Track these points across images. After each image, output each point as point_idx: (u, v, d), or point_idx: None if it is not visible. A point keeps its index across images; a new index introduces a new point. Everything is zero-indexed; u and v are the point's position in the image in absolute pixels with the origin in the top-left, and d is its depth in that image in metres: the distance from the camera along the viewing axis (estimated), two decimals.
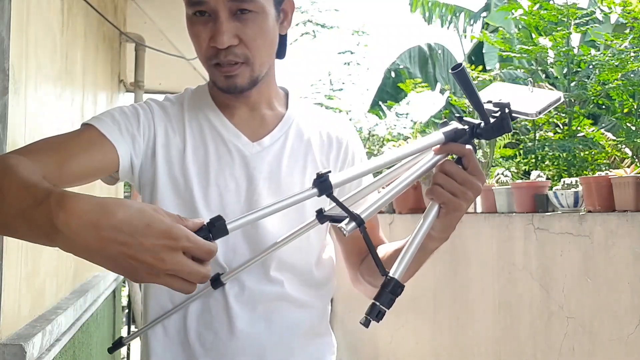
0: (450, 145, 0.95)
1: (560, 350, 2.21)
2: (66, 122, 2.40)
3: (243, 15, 1.04)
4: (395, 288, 0.84)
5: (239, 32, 1.05)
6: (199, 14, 1.06)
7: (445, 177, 0.94)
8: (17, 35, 1.65)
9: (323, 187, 0.88)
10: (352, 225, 0.85)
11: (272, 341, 1.14)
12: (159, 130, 1.13)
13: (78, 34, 2.60)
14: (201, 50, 1.08)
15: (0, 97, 1.53)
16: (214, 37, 1.04)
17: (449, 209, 0.95)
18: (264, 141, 1.16)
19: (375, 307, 0.83)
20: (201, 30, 1.06)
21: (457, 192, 0.94)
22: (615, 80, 3.01)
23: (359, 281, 1.26)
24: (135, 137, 1.10)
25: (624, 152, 3.02)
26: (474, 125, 0.95)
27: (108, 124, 1.07)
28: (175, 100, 1.19)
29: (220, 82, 1.10)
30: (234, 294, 1.13)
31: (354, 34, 9.69)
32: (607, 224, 2.03)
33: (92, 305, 2.69)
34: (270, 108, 1.20)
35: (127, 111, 1.12)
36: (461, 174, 0.94)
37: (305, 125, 1.21)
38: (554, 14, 3.39)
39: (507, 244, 2.54)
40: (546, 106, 0.94)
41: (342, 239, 1.27)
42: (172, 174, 1.13)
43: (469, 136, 0.95)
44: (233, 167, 1.13)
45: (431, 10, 10.12)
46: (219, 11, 1.04)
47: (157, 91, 5.26)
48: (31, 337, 1.64)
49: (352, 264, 1.26)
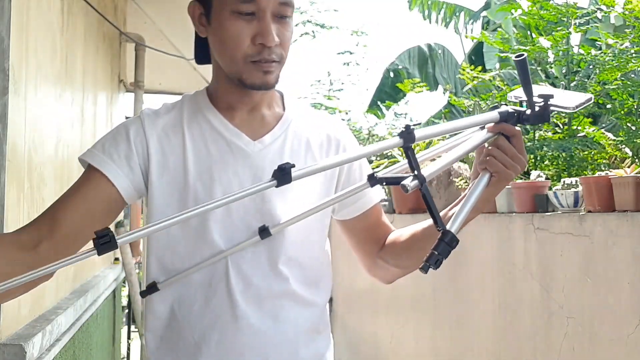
0: (504, 125, 1.07)
1: (560, 350, 2.21)
2: (66, 122, 2.40)
3: (281, 19, 1.12)
4: (451, 240, 0.91)
5: (278, 33, 1.11)
6: (243, 13, 1.10)
7: (499, 150, 1.06)
8: (17, 35, 1.65)
9: (409, 138, 0.93)
10: (415, 183, 0.90)
11: (278, 339, 1.16)
12: (151, 141, 1.16)
13: (78, 34, 2.60)
14: (241, 48, 1.11)
15: (0, 97, 1.53)
16: (263, 35, 1.10)
17: (500, 177, 1.07)
18: (264, 139, 1.19)
19: (433, 255, 0.88)
20: (244, 27, 1.10)
21: (508, 165, 1.07)
22: (615, 80, 3.00)
23: (378, 267, 1.30)
24: (130, 157, 1.14)
25: (624, 152, 3.02)
26: (521, 112, 1.08)
27: (98, 156, 1.14)
28: (172, 107, 1.22)
29: (257, 79, 1.13)
30: (239, 290, 1.14)
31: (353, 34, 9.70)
32: (607, 224, 2.03)
33: (92, 305, 2.69)
34: (269, 108, 1.23)
35: (117, 134, 1.17)
36: (512, 150, 1.07)
37: (303, 125, 1.24)
38: (554, 14, 3.39)
39: (507, 244, 2.54)
40: (581, 103, 1.09)
41: (355, 232, 1.31)
42: (168, 178, 1.15)
43: (516, 120, 1.08)
44: (236, 166, 1.16)
45: (430, 8, 10.12)
46: (267, 11, 1.10)
47: (157, 91, 5.26)
48: (31, 337, 1.64)
49: (368, 252, 1.30)
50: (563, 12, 3.36)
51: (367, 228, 1.29)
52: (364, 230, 1.29)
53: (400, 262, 1.26)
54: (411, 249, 1.22)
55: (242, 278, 1.14)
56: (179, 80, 5.03)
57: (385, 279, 1.33)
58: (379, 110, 9.45)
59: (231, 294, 1.14)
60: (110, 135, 1.17)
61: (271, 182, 0.90)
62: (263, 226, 1.14)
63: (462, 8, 10.12)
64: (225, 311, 1.14)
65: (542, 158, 3.35)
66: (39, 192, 1.96)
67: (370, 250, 1.30)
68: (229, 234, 1.14)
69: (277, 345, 1.15)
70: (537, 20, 3.48)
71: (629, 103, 3.08)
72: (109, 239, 0.81)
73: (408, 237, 1.24)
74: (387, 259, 1.27)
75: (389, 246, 1.28)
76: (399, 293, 3.39)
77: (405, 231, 1.25)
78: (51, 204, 1.13)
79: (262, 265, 1.15)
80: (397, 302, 3.42)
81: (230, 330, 1.14)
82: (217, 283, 1.15)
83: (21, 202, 1.76)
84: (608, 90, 3.06)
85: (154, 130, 1.16)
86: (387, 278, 1.32)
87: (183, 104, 1.22)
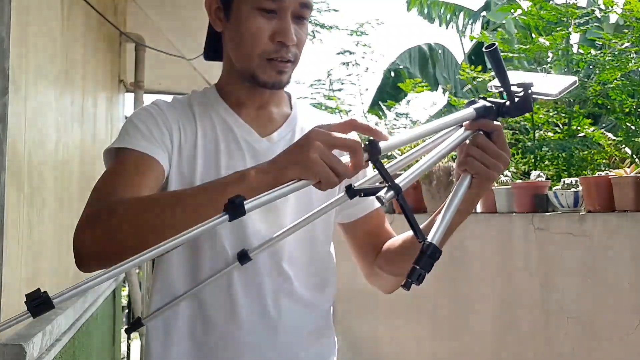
0: (482, 121, 1.00)
1: (560, 350, 2.21)
2: (66, 122, 2.40)
3: (299, 20, 1.13)
4: (433, 252, 0.85)
5: (296, 33, 1.12)
6: (265, 10, 1.10)
7: (478, 150, 1.00)
8: (17, 35, 1.65)
9: (374, 151, 0.89)
10: (390, 194, 0.84)
11: (278, 340, 1.15)
12: (174, 128, 1.15)
13: (78, 34, 2.60)
14: (259, 44, 1.11)
15: (0, 97, 1.53)
16: (283, 33, 1.10)
17: (482, 178, 1.02)
18: (273, 137, 1.20)
19: (415, 270, 0.83)
20: (264, 24, 1.11)
21: (489, 164, 1.00)
22: (615, 80, 3.00)
23: (376, 275, 1.28)
24: (164, 140, 1.13)
25: (624, 152, 3.02)
26: (500, 104, 1.01)
27: (140, 141, 1.11)
28: (184, 100, 1.22)
29: (271, 77, 1.14)
30: (241, 289, 1.14)
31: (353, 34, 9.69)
32: (607, 224, 2.04)
33: (92, 305, 2.69)
34: (277, 107, 1.24)
35: (146, 119, 1.14)
36: (492, 147, 1.01)
37: (309, 124, 1.24)
38: (554, 14, 3.39)
39: (507, 244, 2.54)
40: (565, 88, 1.01)
41: (354, 236, 1.29)
42: (181, 170, 1.15)
43: (495, 114, 1.01)
44: (244, 161, 1.16)
45: (430, 8, 10.12)
46: (289, 11, 1.11)
47: (157, 91, 5.26)
48: (31, 337, 1.64)
49: (367, 260, 1.29)
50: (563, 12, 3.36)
51: (367, 233, 1.28)
52: (364, 235, 1.28)
53: (394, 269, 1.24)
54: (403, 255, 1.20)
55: (244, 276, 1.14)
56: (179, 80, 5.03)
57: (384, 287, 1.30)
58: (380, 111, 9.45)
59: (232, 293, 1.13)
60: (139, 120, 1.14)
61: (223, 217, 0.79)
62: (243, 250, 1.11)
63: (462, 8, 10.12)
64: (226, 310, 1.13)
65: (542, 158, 3.35)
66: (39, 192, 1.96)
67: (369, 256, 1.28)
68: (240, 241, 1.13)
69: (277, 346, 1.15)
70: (536, 20, 3.48)
71: (628, 103, 3.08)
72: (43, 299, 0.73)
73: (400, 244, 1.22)
74: (382, 266, 1.26)
75: (384, 253, 1.26)
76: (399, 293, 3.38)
77: (399, 237, 1.24)
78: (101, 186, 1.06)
79: (265, 264, 1.15)
80: (397, 302, 3.42)
81: (230, 331, 1.13)
82: (218, 281, 1.14)
83: (21, 203, 1.76)
84: (608, 90, 3.06)
85: (175, 119, 1.17)
86: (385, 287, 1.30)
87: (193, 100, 1.22)
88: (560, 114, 3.43)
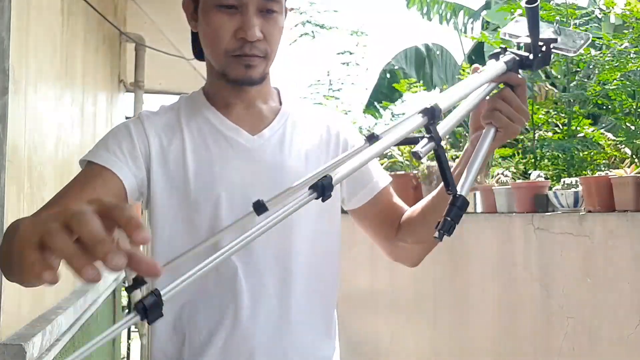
0: (510, 74, 1.01)
1: (560, 350, 2.21)
2: (66, 122, 2.40)
3: (267, 14, 1.11)
4: (462, 204, 0.85)
5: (263, 28, 1.10)
6: (225, 7, 1.09)
7: (505, 103, 1.01)
8: (17, 35, 1.65)
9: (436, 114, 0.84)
10: (430, 145, 0.81)
11: (284, 341, 1.14)
12: (152, 139, 1.15)
13: (78, 34, 2.60)
14: (222, 41, 1.11)
15: (0, 97, 1.53)
16: (244, 30, 1.09)
17: (507, 131, 1.02)
18: (264, 133, 1.19)
19: (447, 222, 0.83)
20: (226, 21, 1.10)
21: (514, 118, 1.01)
22: (615, 80, 3.00)
23: (401, 249, 1.27)
24: (133, 154, 1.13)
25: (624, 152, 3.02)
26: (524, 57, 1.02)
27: (102, 154, 1.11)
28: (170, 108, 1.22)
29: (239, 73, 1.13)
30: (247, 289, 1.13)
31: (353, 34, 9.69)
32: (607, 224, 2.04)
33: (92, 305, 2.69)
34: (266, 103, 1.23)
35: (118, 132, 1.15)
36: (517, 101, 1.01)
37: (301, 118, 1.25)
38: (553, 14, 3.39)
39: (507, 244, 2.54)
40: (581, 44, 1.04)
41: (370, 218, 1.28)
42: (169, 177, 1.14)
43: (518, 67, 1.02)
44: (236, 161, 1.15)
45: (429, 6, 10.10)
46: (250, 5, 1.09)
47: (157, 91, 5.26)
48: (31, 337, 1.64)
49: (386, 237, 1.28)
50: (562, 12, 3.36)
51: (380, 213, 1.27)
52: (377, 216, 1.27)
53: (419, 237, 1.22)
54: (426, 221, 1.18)
55: (250, 276, 1.13)
56: (179, 80, 5.03)
57: (410, 260, 1.29)
58: (376, 111, 9.44)
59: (238, 293, 1.12)
60: (111, 134, 1.16)
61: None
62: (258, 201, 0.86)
63: (462, 7, 10.11)
64: (231, 311, 1.12)
65: (542, 158, 3.35)
66: (39, 192, 1.96)
67: (388, 234, 1.27)
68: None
69: (284, 347, 1.14)
70: None
71: (628, 103, 3.08)
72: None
73: (420, 211, 1.21)
74: (405, 239, 1.25)
75: (404, 225, 1.25)
76: (399, 293, 3.39)
77: (416, 207, 1.23)
78: (52, 198, 1.08)
79: (270, 263, 1.14)
80: (397, 302, 3.42)
81: (236, 331, 1.12)
82: (224, 281, 1.13)
83: (21, 202, 1.76)
84: (608, 90, 3.06)
85: (153, 129, 1.16)
86: (412, 258, 1.28)
87: (180, 105, 1.22)
88: (560, 114, 3.42)
